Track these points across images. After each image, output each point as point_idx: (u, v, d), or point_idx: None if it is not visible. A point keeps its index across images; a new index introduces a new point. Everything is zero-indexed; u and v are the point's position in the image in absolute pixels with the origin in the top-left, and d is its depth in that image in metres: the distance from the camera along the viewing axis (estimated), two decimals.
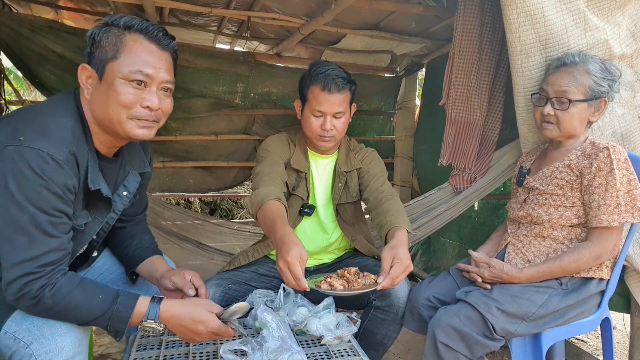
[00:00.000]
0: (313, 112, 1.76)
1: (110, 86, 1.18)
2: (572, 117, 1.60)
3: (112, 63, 1.18)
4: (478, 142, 2.24)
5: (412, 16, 2.77)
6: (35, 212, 1.08)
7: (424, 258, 3.57)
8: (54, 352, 1.10)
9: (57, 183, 1.10)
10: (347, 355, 1.44)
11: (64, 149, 1.12)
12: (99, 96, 1.20)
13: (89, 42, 1.21)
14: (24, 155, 1.07)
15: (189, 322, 1.21)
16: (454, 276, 1.78)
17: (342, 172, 1.90)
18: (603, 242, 1.53)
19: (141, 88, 1.20)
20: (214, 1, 2.61)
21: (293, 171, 1.86)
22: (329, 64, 1.78)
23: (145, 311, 1.17)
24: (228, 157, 3.47)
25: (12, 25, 2.55)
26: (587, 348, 2.64)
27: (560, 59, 1.65)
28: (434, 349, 1.51)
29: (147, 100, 1.21)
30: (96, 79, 1.20)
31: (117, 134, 1.24)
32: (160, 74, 1.22)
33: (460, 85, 2.20)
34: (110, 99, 1.18)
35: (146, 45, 1.21)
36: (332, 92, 1.72)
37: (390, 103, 3.78)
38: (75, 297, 1.12)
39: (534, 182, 1.70)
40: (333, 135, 1.79)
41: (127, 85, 1.18)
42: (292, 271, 1.31)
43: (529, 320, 1.50)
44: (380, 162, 1.96)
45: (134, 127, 1.22)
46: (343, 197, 1.92)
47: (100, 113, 1.21)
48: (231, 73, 3.16)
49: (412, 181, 3.67)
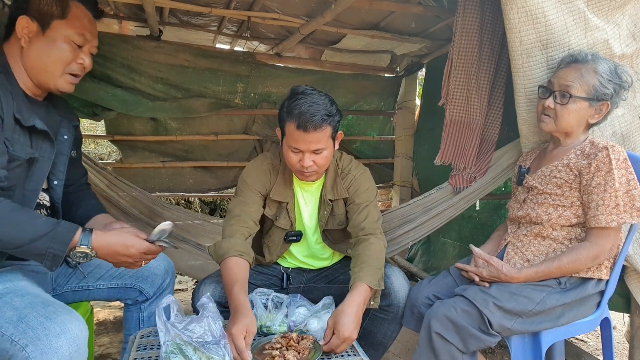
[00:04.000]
0: (290, 148, 1.64)
1: (54, 42, 1.37)
2: (570, 113, 1.60)
3: (58, 21, 1.37)
4: (478, 142, 2.24)
5: (412, 16, 2.77)
6: None
7: (424, 258, 3.56)
8: (50, 353, 1.10)
9: None
10: (347, 355, 1.45)
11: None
12: (38, 46, 1.37)
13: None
14: None
15: (120, 247, 1.31)
16: (453, 275, 1.78)
17: (328, 200, 1.83)
18: (601, 243, 1.52)
19: (77, 49, 1.42)
20: (214, 1, 2.61)
21: (274, 202, 1.83)
22: (308, 95, 1.60)
23: (79, 238, 1.25)
24: (228, 157, 3.47)
25: None
26: (587, 348, 2.64)
27: (574, 55, 1.64)
28: (428, 339, 1.51)
29: (81, 59, 1.44)
30: (37, 30, 1.36)
31: (43, 83, 1.41)
32: (94, 40, 1.46)
33: (460, 85, 2.20)
34: (52, 52, 1.37)
35: (86, 14, 1.43)
36: (309, 131, 1.57)
37: (390, 103, 3.78)
38: (20, 214, 1.19)
39: (533, 181, 1.70)
40: (314, 171, 1.68)
41: (68, 45, 1.39)
42: (235, 344, 1.32)
43: (525, 317, 1.50)
44: (368, 188, 1.84)
45: (65, 82, 1.43)
46: (330, 224, 1.86)
47: (38, 62, 1.37)
48: (231, 73, 3.15)
49: (412, 181, 3.67)
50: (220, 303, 1.67)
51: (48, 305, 1.21)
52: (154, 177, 3.37)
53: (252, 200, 1.77)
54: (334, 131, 1.68)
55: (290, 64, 3.46)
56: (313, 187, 1.86)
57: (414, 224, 2.41)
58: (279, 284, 1.92)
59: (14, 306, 1.19)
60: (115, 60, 2.73)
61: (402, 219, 2.50)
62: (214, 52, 3.19)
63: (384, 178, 3.91)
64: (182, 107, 3.02)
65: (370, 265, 1.62)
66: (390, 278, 1.75)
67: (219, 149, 3.45)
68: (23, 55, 1.37)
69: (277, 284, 1.92)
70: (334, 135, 1.69)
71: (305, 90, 1.64)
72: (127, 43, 2.76)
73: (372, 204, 1.83)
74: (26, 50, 1.37)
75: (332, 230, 1.90)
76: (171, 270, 1.75)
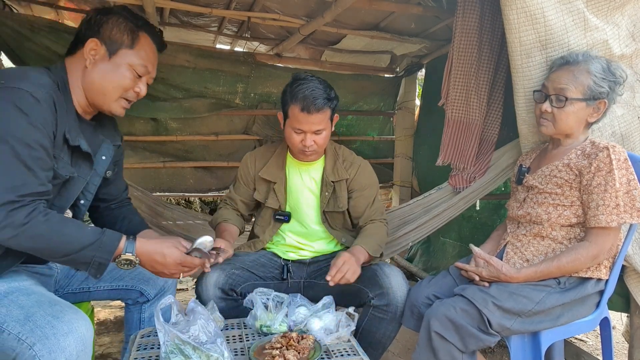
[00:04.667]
0: (294, 129, 1.80)
1: (118, 68, 1.41)
2: (568, 115, 1.60)
3: (126, 50, 1.41)
4: (477, 142, 2.24)
5: (412, 16, 2.77)
6: (15, 143, 1.16)
7: (424, 258, 3.57)
8: (57, 352, 1.10)
9: (36, 117, 1.20)
10: (347, 355, 1.45)
11: (44, 91, 1.24)
12: (102, 69, 1.40)
13: (99, 19, 1.41)
14: (5, 94, 1.19)
15: (159, 257, 1.36)
16: (453, 275, 1.79)
17: (329, 181, 1.94)
18: (601, 243, 1.53)
19: (137, 77, 1.46)
20: (214, 1, 2.62)
21: (263, 182, 1.98)
22: (310, 81, 1.78)
23: (124, 246, 1.30)
24: (228, 157, 3.47)
25: (13, 25, 2.55)
26: (586, 348, 2.65)
27: (565, 57, 1.65)
28: (427, 338, 1.52)
29: (139, 87, 1.48)
30: (104, 54, 1.40)
31: (97, 104, 1.44)
32: (154, 71, 1.52)
33: (459, 85, 2.20)
34: (114, 77, 1.41)
35: (152, 47, 1.49)
36: (312, 112, 1.74)
37: (390, 103, 3.78)
38: (67, 226, 1.22)
39: (533, 180, 1.70)
40: (314, 150, 1.84)
41: (131, 73, 1.43)
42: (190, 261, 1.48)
43: (524, 317, 1.51)
44: (370, 179, 2.01)
45: (119, 106, 1.47)
46: (330, 205, 1.96)
47: (98, 84, 1.41)
48: (231, 73, 3.16)
49: (412, 181, 3.67)
50: (224, 290, 1.75)
51: (55, 305, 1.21)
52: (154, 177, 3.38)
53: (240, 190, 2.04)
54: (332, 113, 1.85)
55: (290, 64, 3.46)
56: (312, 168, 1.97)
57: (414, 225, 2.42)
58: (279, 277, 1.95)
59: (20, 305, 1.20)
60: None
61: (402, 219, 2.51)
62: (214, 52, 3.20)
63: (383, 178, 3.91)
64: (182, 107, 3.03)
65: (372, 238, 1.85)
66: (389, 277, 1.75)
67: (219, 149, 3.46)
68: (85, 75, 1.40)
69: (278, 277, 1.95)
70: (331, 117, 1.86)
71: (306, 76, 1.82)
72: None
73: (377, 196, 2.02)
74: (89, 71, 1.40)
75: (332, 213, 1.97)
76: None
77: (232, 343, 1.52)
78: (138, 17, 1.46)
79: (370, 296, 1.75)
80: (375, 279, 1.76)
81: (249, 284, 1.82)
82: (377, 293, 1.74)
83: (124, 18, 1.42)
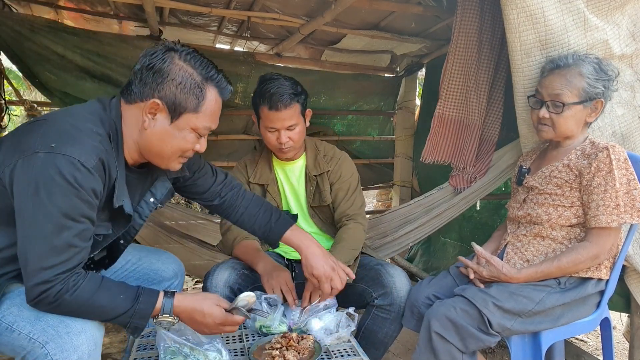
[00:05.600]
0: (267, 128, 1.84)
1: (180, 131, 1.26)
2: (567, 120, 1.60)
3: (190, 115, 1.26)
4: (477, 143, 2.24)
5: (412, 16, 2.77)
6: (61, 220, 1.10)
7: (424, 258, 3.57)
8: (70, 350, 1.10)
9: (86, 190, 1.12)
10: (347, 355, 1.45)
11: (94, 156, 1.14)
12: (161, 132, 1.26)
13: (163, 70, 1.22)
14: (55, 162, 1.08)
15: (199, 315, 1.29)
16: (453, 275, 1.79)
17: (312, 175, 1.97)
18: (601, 243, 1.52)
19: (198, 137, 1.31)
20: (214, 1, 2.62)
21: (257, 187, 1.98)
22: (276, 80, 1.80)
23: (161, 306, 1.23)
24: (228, 157, 3.47)
25: (12, 25, 2.55)
26: (587, 348, 2.64)
27: (554, 60, 1.64)
28: (427, 339, 1.51)
29: (199, 146, 1.33)
30: (164, 117, 1.25)
31: (153, 162, 1.33)
32: (215, 125, 1.35)
33: (458, 85, 2.20)
34: (174, 142, 1.27)
35: (218, 101, 1.31)
36: (280, 109, 1.77)
37: (390, 103, 3.78)
38: (98, 298, 1.16)
39: (534, 181, 1.70)
40: (290, 146, 1.86)
41: (193, 135, 1.29)
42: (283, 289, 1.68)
43: (525, 317, 1.50)
44: (352, 174, 2.01)
45: (177, 164, 1.34)
46: (316, 200, 1.99)
47: (156, 147, 1.28)
48: (231, 73, 3.16)
49: (412, 181, 3.67)
50: (233, 290, 1.74)
51: None
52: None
53: None
54: (303, 108, 1.86)
55: (290, 64, 3.46)
56: (295, 166, 1.99)
57: (414, 225, 2.42)
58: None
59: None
60: (116, 60, 2.73)
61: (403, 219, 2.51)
62: (214, 52, 3.20)
63: (384, 178, 3.91)
64: None
65: (344, 246, 1.83)
66: (393, 277, 1.75)
67: (219, 149, 3.45)
68: (142, 134, 1.26)
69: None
70: (303, 112, 1.87)
71: (272, 76, 1.84)
72: (127, 43, 2.77)
73: (357, 190, 2.01)
74: (147, 133, 1.26)
75: (320, 208, 2.00)
76: (180, 273, 1.74)
77: (231, 343, 1.52)
78: (205, 64, 1.28)
79: (374, 296, 1.75)
80: (379, 279, 1.76)
81: (258, 285, 1.81)
82: (381, 293, 1.74)
83: (191, 68, 1.25)
